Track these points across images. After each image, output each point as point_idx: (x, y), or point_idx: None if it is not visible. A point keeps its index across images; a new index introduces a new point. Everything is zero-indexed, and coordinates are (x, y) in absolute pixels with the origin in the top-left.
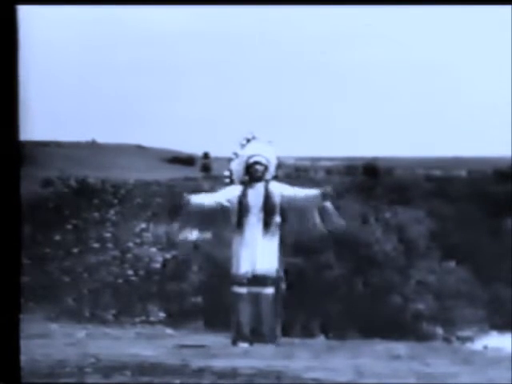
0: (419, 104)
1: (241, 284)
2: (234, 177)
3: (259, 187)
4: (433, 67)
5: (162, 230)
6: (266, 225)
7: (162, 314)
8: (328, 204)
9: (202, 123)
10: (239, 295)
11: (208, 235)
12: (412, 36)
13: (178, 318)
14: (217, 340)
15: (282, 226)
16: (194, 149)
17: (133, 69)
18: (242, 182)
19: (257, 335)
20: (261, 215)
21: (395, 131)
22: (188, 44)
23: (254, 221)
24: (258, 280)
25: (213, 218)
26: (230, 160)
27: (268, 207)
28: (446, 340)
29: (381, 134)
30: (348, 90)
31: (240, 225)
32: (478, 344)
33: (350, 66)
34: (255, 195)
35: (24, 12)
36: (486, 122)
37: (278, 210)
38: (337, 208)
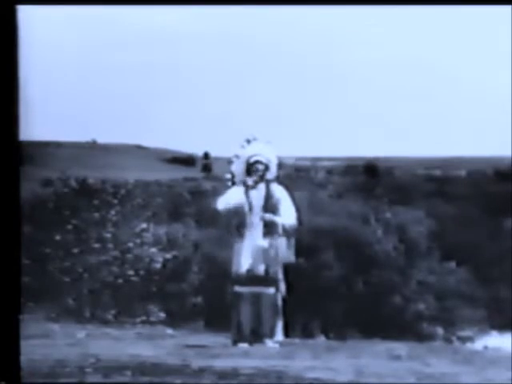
0: (419, 104)
1: (241, 284)
2: (236, 179)
3: (260, 188)
4: (433, 67)
5: (162, 230)
6: (267, 225)
7: (162, 314)
8: (292, 238)
9: (202, 123)
10: (240, 295)
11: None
12: (412, 36)
13: (178, 318)
14: (217, 340)
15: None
16: (194, 149)
17: (133, 69)
18: (244, 183)
19: (257, 335)
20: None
21: (395, 131)
22: (188, 45)
23: (255, 221)
24: (258, 280)
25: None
26: (230, 162)
27: (269, 207)
28: (447, 340)
29: (381, 134)
30: (348, 90)
31: (241, 225)
32: (479, 344)
33: (350, 66)
34: (256, 195)
35: (24, 12)
36: (486, 122)
37: (278, 210)
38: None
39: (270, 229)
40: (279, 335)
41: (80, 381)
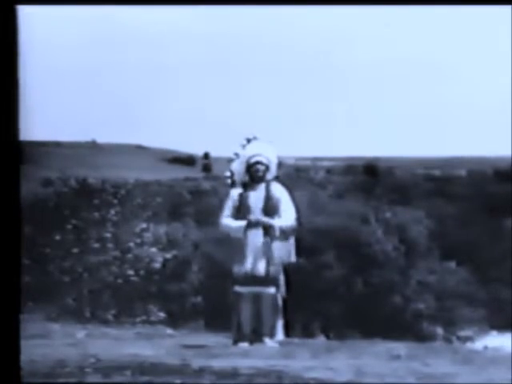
0: (419, 104)
1: (242, 284)
2: (236, 178)
3: (260, 188)
4: (433, 67)
5: (162, 230)
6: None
7: (162, 314)
8: (291, 238)
9: (202, 123)
10: (240, 295)
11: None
12: (412, 36)
13: (178, 318)
14: (217, 340)
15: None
16: (194, 149)
17: (133, 69)
18: (244, 183)
19: (257, 335)
20: (261, 216)
21: (395, 131)
22: (188, 44)
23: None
24: (258, 280)
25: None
26: (230, 161)
27: (269, 208)
28: (447, 340)
29: (381, 134)
30: (348, 90)
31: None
32: (478, 344)
33: (350, 66)
34: (256, 196)
35: (24, 12)
36: (486, 121)
37: (278, 210)
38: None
39: (269, 229)
40: (279, 335)
41: (80, 381)
